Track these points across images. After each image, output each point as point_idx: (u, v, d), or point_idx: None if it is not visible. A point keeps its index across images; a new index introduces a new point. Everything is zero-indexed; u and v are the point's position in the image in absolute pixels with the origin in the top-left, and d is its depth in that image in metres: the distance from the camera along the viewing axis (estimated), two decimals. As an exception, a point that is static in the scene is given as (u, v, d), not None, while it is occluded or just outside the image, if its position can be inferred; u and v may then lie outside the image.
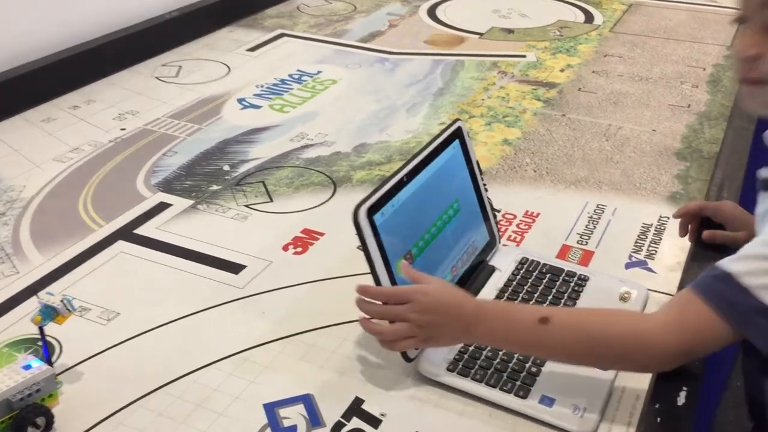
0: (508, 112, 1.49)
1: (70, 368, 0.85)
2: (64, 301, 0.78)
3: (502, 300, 0.91)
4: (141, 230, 1.12)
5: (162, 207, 1.18)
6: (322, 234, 1.11)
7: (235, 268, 1.03)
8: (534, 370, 0.81)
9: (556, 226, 1.12)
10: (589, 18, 2.03)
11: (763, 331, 0.67)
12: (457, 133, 0.96)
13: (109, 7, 1.73)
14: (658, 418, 0.73)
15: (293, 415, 0.79)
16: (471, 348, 0.84)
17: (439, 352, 0.84)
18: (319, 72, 1.69)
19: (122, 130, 1.43)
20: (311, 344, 0.89)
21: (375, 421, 0.78)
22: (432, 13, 2.07)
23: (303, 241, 1.09)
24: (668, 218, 1.13)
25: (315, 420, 0.78)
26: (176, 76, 1.66)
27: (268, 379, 0.84)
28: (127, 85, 1.61)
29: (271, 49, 1.83)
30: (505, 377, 0.81)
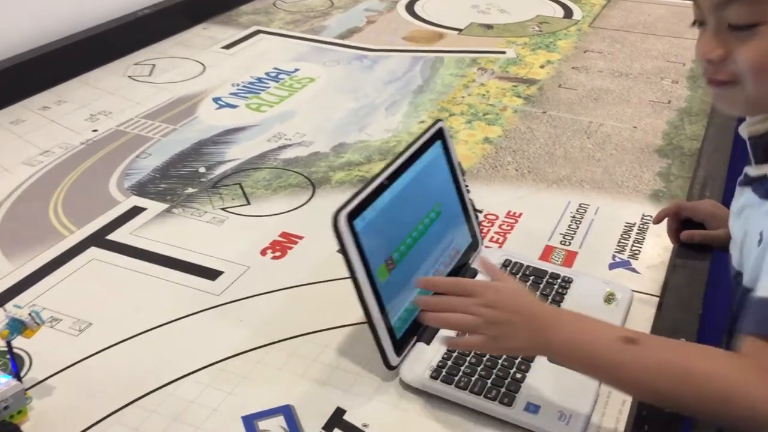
0: (489, 110, 1.47)
1: (40, 382, 0.82)
2: (32, 314, 0.75)
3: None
4: (114, 236, 1.09)
5: (136, 211, 1.15)
6: (301, 237, 1.08)
7: (212, 274, 1.00)
8: (519, 376, 0.80)
9: (538, 227, 1.11)
10: (568, 13, 2.02)
11: None
12: (438, 134, 0.94)
13: (79, 5, 1.68)
14: (646, 426, 0.72)
15: (273, 428, 0.76)
16: (455, 354, 0.82)
17: (421, 360, 0.82)
18: (296, 70, 1.66)
19: (94, 131, 1.39)
20: (291, 353, 0.87)
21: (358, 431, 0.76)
22: (410, 8, 2.05)
23: (281, 245, 1.06)
24: (651, 217, 1.12)
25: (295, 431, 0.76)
26: (150, 75, 1.63)
27: (247, 390, 0.81)
28: (99, 85, 1.57)
29: (246, 46, 1.80)
30: (489, 384, 0.79)
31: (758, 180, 0.72)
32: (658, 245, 1.06)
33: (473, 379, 0.80)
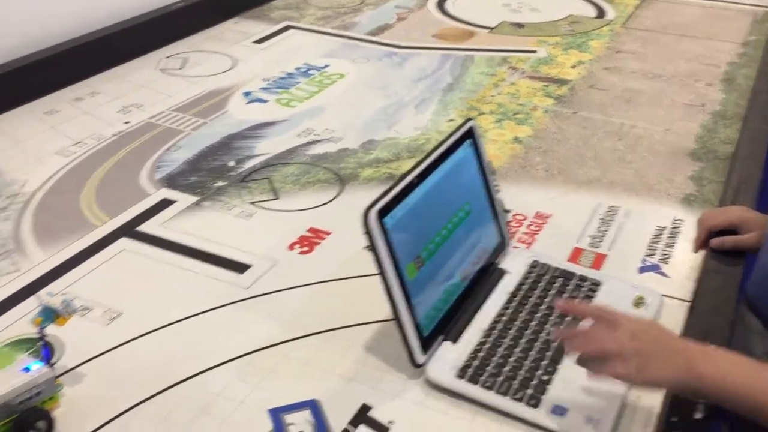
0: (519, 109, 1.46)
1: (70, 370, 0.83)
2: (64, 302, 0.77)
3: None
4: (144, 227, 1.10)
5: (166, 203, 1.16)
6: (329, 233, 1.08)
7: (240, 267, 1.01)
8: (545, 378, 0.79)
9: (567, 228, 1.10)
10: (600, 13, 2.00)
11: None
12: (469, 133, 0.94)
13: (114, -2, 1.70)
14: (675, 432, 0.71)
15: (299, 421, 0.77)
16: (481, 354, 0.82)
17: (447, 358, 0.82)
18: (326, 66, 1.66)
19: (126, 123, 1.41)
20: (318, 348, 0.87)
21: (382, 429, 0.76)
22: (441, 6, 2.04)
23: (309, 241, 1.07)
24: (682, 221, 1.11)
25: (321, 427, 0.76)
26: (181, 69, 1.64)
27: (273, 384, 0.82)
28: (132, 77, 1.59)
29: (277, 41, 1.81)
30: (515, 385, 0.79)
31: None
32: (689, 250, 1.04)
33: (499, 379, 0.79)
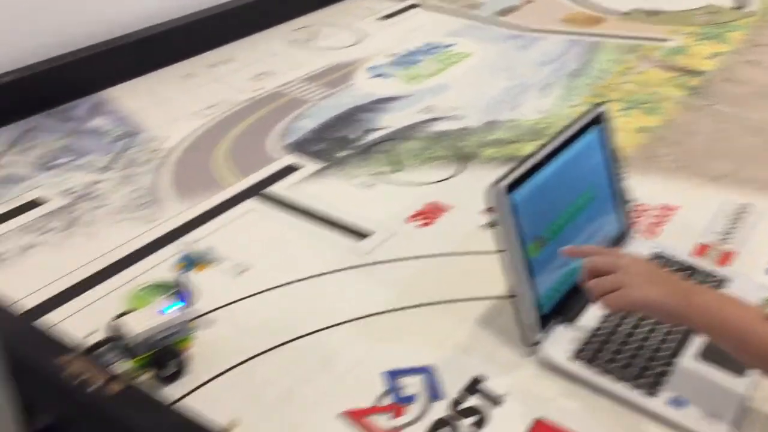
0: (648, 99, 1.42)
1: (202, 315, 0.89)
2: (205, 251, 0.81)
3: None
4: (271, 190, 1.15)
5: (291, 169, 1.21)
6: (448, 209, 1.10)
7: (360, 235, 1.04)
8: (663, 369, 0.78)
9: (693, 223, 1.06)
10: (739, 4, 1.90)
11: None
12: (599, 118, 0.92)
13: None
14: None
15: (413, 385, 0.79)
16: (598, 338, 0.81)
17: (563, 340, 0.82)
18: (451, 45, 1.67)
19: (256, 90, 1.47)
20: (432, 317, 0.89)
21: (494, 402, 0.77)
22: (570, -10, 2.00)
23: (428, 214, 1.09)
24: (820, 224, 1.05)
25: (434, 392, 0.78)
26: (310, 41, 1.69)
27: (389, 347, 0.84)
28: (264, 47, 1.65)
29: (403, 19, 1.83)
30: (633, 372, 0.78)
31: None
32: (827, 255, 0.99)
33: (616, 365, 0.78)
